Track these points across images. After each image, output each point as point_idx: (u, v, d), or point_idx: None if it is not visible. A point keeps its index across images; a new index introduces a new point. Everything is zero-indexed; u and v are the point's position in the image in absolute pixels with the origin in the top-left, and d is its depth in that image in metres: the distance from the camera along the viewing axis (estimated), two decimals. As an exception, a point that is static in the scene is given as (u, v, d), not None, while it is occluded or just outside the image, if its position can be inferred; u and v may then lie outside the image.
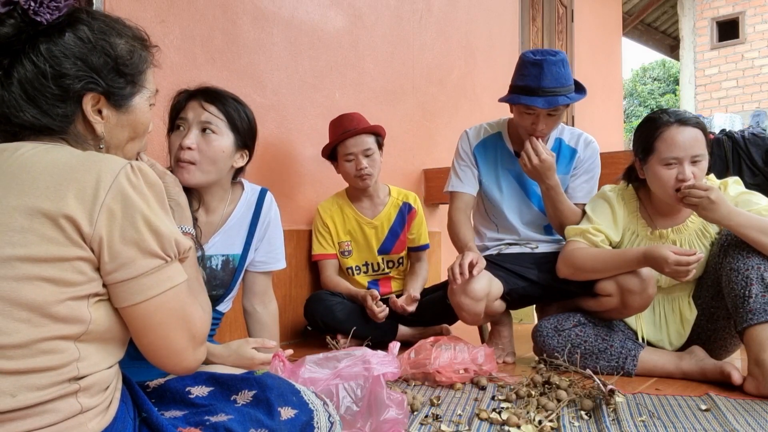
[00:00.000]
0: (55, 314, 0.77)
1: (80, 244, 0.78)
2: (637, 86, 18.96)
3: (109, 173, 0.80)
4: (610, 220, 1.98)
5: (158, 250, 0.82)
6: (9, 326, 0.74)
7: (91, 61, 0.88)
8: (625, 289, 1.84)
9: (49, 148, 0.84)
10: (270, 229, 1.77)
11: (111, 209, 0.79)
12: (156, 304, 0.83)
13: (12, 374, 0.74)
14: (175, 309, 0.85)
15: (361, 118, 2.57)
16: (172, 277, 0.85)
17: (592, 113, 5.84)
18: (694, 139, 1.80)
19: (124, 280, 0.81)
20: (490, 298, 2.01)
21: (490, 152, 2.24)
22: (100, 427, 0.81)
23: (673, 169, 1.81)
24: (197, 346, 0.90)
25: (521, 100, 1.99)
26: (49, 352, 0.76)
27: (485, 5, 4.32)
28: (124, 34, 0.93)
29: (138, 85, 0.95)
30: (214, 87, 1.62)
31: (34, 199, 0.77)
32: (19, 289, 0.75)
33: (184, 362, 0.89)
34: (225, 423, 0.91)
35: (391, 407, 1.26)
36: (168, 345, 0.86)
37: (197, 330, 0.89)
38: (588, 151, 2.20)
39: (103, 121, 0.91)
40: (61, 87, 0.86)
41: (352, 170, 2.50)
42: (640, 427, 1.40)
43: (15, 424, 0.74)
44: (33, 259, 0.76)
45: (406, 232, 2.65)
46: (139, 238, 0.80)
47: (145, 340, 0.86)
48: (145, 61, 0.96)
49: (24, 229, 0.76)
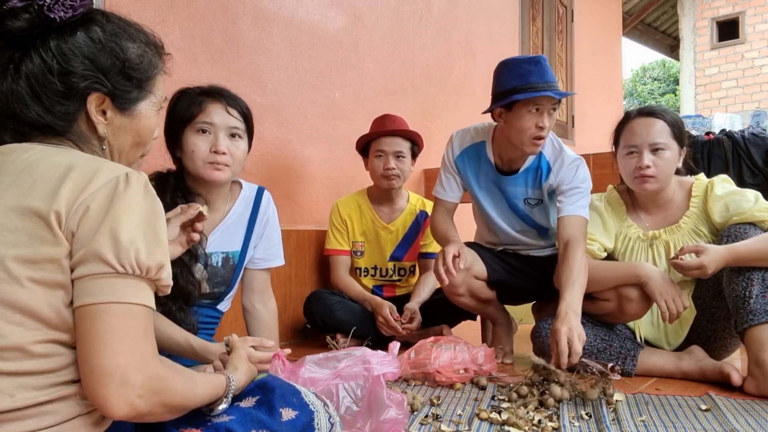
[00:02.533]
0: (47, 319, 0.76)
1: (61, 239, 0.76)
2: (637, 86, 18.96)
3: (104, 177, 0.79)
4: (602, 229, 1.99)
5: (110, 257, 0.75)
6: (3, 328, 0.74)
7: (99, 62, 0.87)
8: (623, 296, 1.84)
9: (56, 152, 0.84)
10: (268, 227, 1.80)
11: (88, 206, 0.77)
12: (94, 312, 0.75)
13: (9, 375, 0.74)
14: (115, 327, 0.75)
15: (403, 123, 2.56)
16: (122, 291, 0.76)
17: (592, 113, 5.84)
18: (653, 128, 1.85)
19: (77, 278, 0.77)
20: (471, 273, 2.06)
21: (473, 163, 2.16)
22: (100, 430, 0.81)
23: (634, 157, 1.87)
24: (133, 386, 0.74)
25: (532, 95, 1.87)
26: (44, 355, 0.76)
27: (485, 5, 4.32)
28: (136, 38, 0.93)
29: (145, 90, 0.94)
30: (226, 89, 1.66)
31: (30, 199, 0.77)
32: (11, 291, 0.74)
33: (107, 389, 0.73)
34: (226, 423, 0.91)
35: (391, 407, 1.25)
36: (92, 360, 0.74)
37: (139, 366, 0.75)
38: (564, 171, 2.01)
39: (106, 122, 0.90)
40: (66, 84, 0.86)
41: (379, 168, 2.50)
42: (640, 426, 1.40)
43: (14, 424, 0.73)
44: (24, 260, 0.75)
45: (420, 239, 2.63)
46: (97, 238, 0.76)
47: (79, 351, 0.76)
48: (156, 67, 0.96)
49: (16, 228, 0.76)
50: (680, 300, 1.74)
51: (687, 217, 1.91)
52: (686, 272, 1.71)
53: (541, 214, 2.15)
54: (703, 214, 1.89)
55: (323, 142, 2.94)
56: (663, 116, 1.87)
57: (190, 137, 1.59)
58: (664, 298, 1.74)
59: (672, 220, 1.94)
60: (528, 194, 2.12)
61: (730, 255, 1.68)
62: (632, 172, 1.87)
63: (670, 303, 1.73)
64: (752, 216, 1.76)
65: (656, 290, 1.76)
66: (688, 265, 1.69)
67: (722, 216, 1.82)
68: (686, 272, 1.71)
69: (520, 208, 2.15)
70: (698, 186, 1.92)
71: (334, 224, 2.61)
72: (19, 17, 0.84)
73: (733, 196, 1.82)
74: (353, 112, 3.10)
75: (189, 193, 1.62)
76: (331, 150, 2.98)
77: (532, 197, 2.12)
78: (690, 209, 1.91)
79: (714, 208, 1.84)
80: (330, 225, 2.63)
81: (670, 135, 1.85)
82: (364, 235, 2.62)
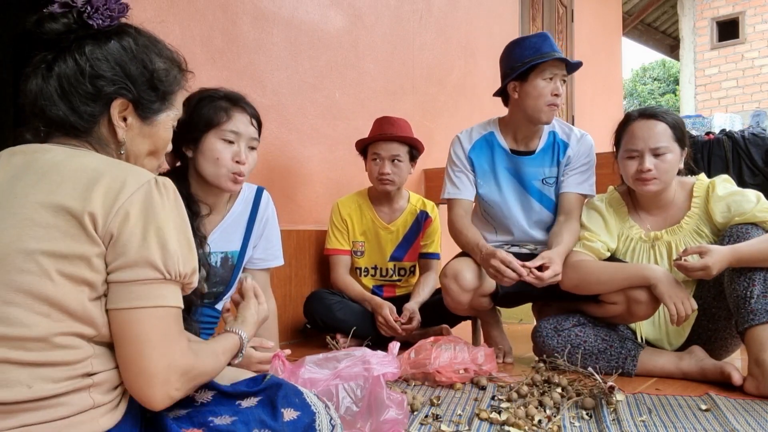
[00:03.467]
0: (73, 312, 0.79)
1: (96, 239, 0.80)
2: (637, 86, 18.96)
3: (135, 181, 0.83)
4: (604, 229, 1.99)
5: (159, 263, 0.82)
6: (30, 319, 0.77)
7: (128, 70, 0.93)
8: (632, 299, 1.83)
9: (78, 153, 0.88)
10: (268, 227, 1.81)
11: (128, 212, 0.81)
12: (140, 316, 0.81)
13: (29, 366, 0.76)
14: (159, 330, 0.82)
15: (404, 126, 2.54)
16: (166, 296, 0.83)
17: (592, 113, 5.84)
18: (654, 132, 1.84)
19: (119, 281, 0.81)
20: (479, 292, 2.05)
21: (486, 153, 2.21)
22: (110, 424, 0.83)
23: (635, 160, 1.87)
24: (171, 381, 0.83)
25: (547, 59, 2.00)
26: (66, 347, 0.79)
27: (485, 5, 4.32)
28: (164, 54, 0.99)
29: (167, 103, 0.99)
30: (244, 96, 1.67)
31: (61, 197, 0.80)
32: (40, 283, 0.77)
33: (153, 389, 0.82)
34: (228, 425, 0.92)
35: (391, 407, 1.25)
36: (140, 363, 0.81)
37: (177, 364, 0.83)
38: (581, 145, 2.16)
39: (126, 128, 0.94)
40: (95, 87, 0.90)
41: (375, 171, 2.50)
42: (641, 426, 1.40)
43: (29, 414, 0.76)
44: (55, 255, 0.78)
45: (420, 239, 2.62)
46: (145, 245, 0.81)
47: (122, 351, 0.83)
48: (179, 83, 1.01)
49: (49, 224, 0.79)
50: (689, 303, 1.74)
51: (688, 217, 1.91)
52: (690, 274, 1.70)
53: (557, 192, 2.19)
54: (705, 214, 1.89)
55: (323, 142, 2.94)
56: (664, 118, 1.86)
57: (215, 143, 1.59)
58: (674, 300, 1.74)
59: (673, 220, 1.94)
60: (546, 174, 2.17)
61: (733, 256, 1.68)
62: (634, 174, 1.87)
63: (680, 306, 1.73)
64: (754, 216, 1.76)
65: (665, 293, 1.75)
66: (692, 267, 1.68)
67: (724, 216, 1.82)
68: (690, 274, 1.70)
69: (536, 189, 2.18)
70: (699, 186, 1.92)
71: (334, 224, 2.61)
72: (57, 20, 0.90)
73: (734, 196, 1.82)
74: (353, 112, 3.10)
75: (192, 202, 1.61)
76: (331, 150, 2.98)
77: (550, 176, 2.17)
78: (691, 210, 1.91)
79: (716, 208, 1.84)
80: (330, 224, 2.63)
81: (671, 137, 1.85)
82: (364, 234, 2.61)
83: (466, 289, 2.01)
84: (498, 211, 2.21)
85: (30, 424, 0.76)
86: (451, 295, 2.04)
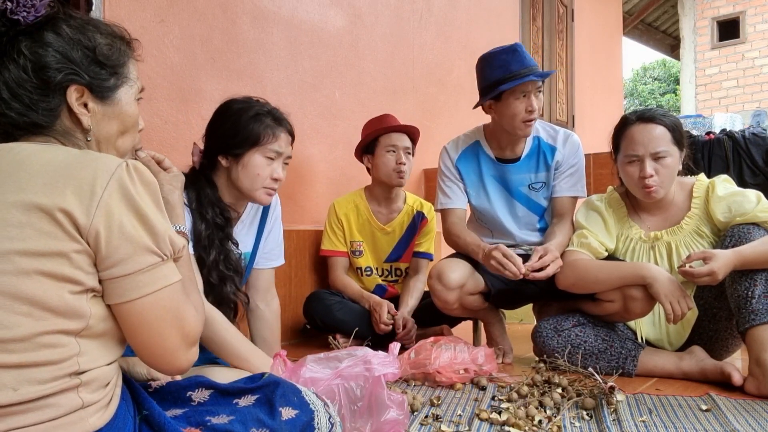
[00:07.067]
0: (55, 308, 0.77)
1: (76, 237, 0.79)
2: (637, 86, 18.95)
3: (105, 170, 0.81)
4: (603, 229, 1.99)
5: (154, 247, 0.83)
6: (10, 320, 0.75)
7: (71, 55, 0.90)
8: (628, 296, 1.84)
9: (45, 148, 0.86)
10: (275, 226, 1.84)
11: (109, 205, 0.80)
12: (150, 301, 0.83)
13: (14, 368, 0.75)
14: (169, 308, 0.85)
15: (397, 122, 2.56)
16: (167, 275, 0.85)
17: (592, 113, 5.84)
18: (654, 136, 1.83)
19: (120, 276, 0.81)
20: (465, 290, 2.05)
21: (472, 162, 2.22)
22: (100, 423, 0.81)
23: (636, 165, 1.85)
24: (190, 346, 0.89)
25: (516, 83, 1.97)
26: (50, 346, 0.77)
27: (485, 5, 4.32)
28: (102, 30, 0.95)
29: (121, 77, 0.96)
30: (287, 115, 1.71)
31: (31, 195, 0.78)
32: (18, 283, 0.76)
33: (176, 361, 0.88)
34: (226, 425, 0.92)
35: (391, 408, 1.25)
36: (161, 343, 0.86)
37: (190, 329, 0.89)
38: (567, 147, 2.16)
39: (89, 114, 0.92)
40: (42, 79, 0.88)
41: (392, 162, 2.46)
42: (641, 427, 1.40)
43: (16, 418, 0.74)
44: (31, 254, 0.76)
45: (415, 240, 2.61)
46: (136, 234, 0.81)
47: (139, 338, 0.85)
48: (126, 54, 0.98)
49: (21, 223, 0.77)
50: (685, 301, 1.73)
51: (688, 218, 1.90)
52: (696, 280, 1.68)
53: (546, 196, 2.19)
54: (705, 214, 1.88)
55: (323, 141, 2.94)
56: (662, 121, 1.85)
57: (258, 160, 1.61)
58: (669, 299, 1.73)
59: (673, 221, 1.94)
60: (532, 179, 2.18)
61: (737, 259, 1.67)
62: (637, 182, 1.86)
63: (675, 305, 1.73)
64: (755, 217, 1.75)
65: (661, 292, 1.75)
66: (698, 273, 1.66)
67: (725, 216, 1.82)
68: (696, 280, 1.68)
69: (523, 195, 2.19)
70: (699, 187, 1.91)
71: (330, 224, 2.60)
72: None
73: (735, 197, 1.82)
74: (353, 112, 3.09)
75: (224, 209, 1.64)
76: (331, 150, 2.98)
77: (536, 181, 2.17)
78: (691, 210, 1.90)
79: (716, 208, 1.84)
80: (326, 225, 2.62)
81: (670, 140, 1.84)
82: (361, 234, 2.61)
83: (449, 287, 2.01)
84: (489, 218, 2.23)
85: (17, 427, 0.74)
86: (436, 294, 2.05)
